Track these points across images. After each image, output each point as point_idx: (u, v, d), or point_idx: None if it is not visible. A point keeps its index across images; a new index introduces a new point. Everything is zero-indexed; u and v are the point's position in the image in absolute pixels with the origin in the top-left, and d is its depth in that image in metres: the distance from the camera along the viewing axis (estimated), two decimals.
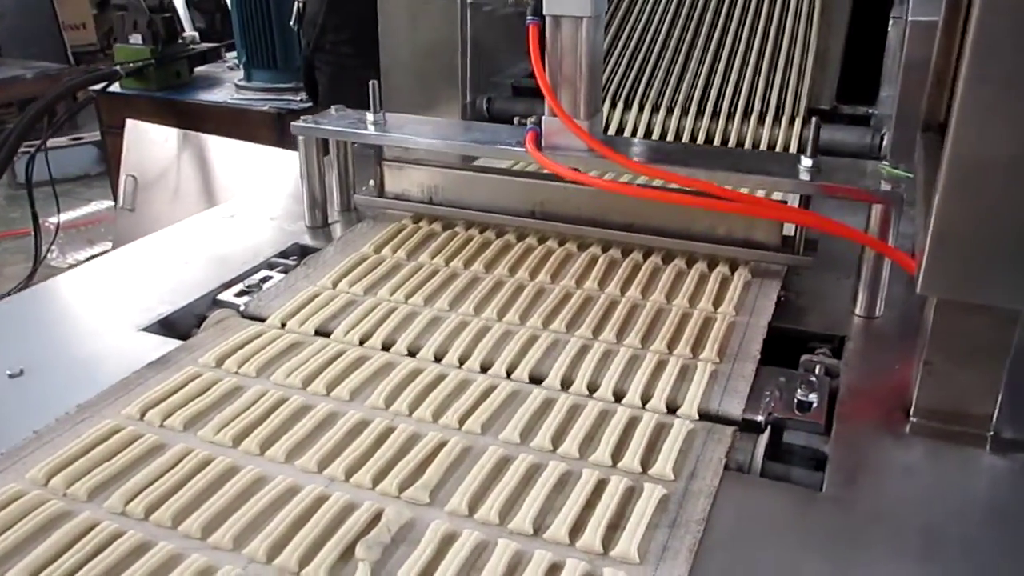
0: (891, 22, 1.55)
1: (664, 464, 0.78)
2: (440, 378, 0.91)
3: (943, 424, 0.85)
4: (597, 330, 1.00)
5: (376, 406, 0.87)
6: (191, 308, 1.09)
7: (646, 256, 1.17)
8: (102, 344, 1.01)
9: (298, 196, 1.44)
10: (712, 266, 1.14)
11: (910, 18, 1.33)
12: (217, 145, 2.81)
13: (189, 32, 3.53)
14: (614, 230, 1.19)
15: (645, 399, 0.88)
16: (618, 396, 0.89)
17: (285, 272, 1.17)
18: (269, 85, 2.93)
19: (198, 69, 3.30)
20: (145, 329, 1.04)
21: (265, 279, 1.15)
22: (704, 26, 1.75)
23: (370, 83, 1.25)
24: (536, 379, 0.92)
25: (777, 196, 1.17)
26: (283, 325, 1.02)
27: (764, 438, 0.84)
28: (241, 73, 3.05)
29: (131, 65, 3.05)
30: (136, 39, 3.10)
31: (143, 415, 0.85)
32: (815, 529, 0.73)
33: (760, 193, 1.15)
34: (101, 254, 1.73)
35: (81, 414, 0.85)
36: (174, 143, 2.90)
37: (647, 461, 0.79)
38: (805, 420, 0.86)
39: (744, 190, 1.11)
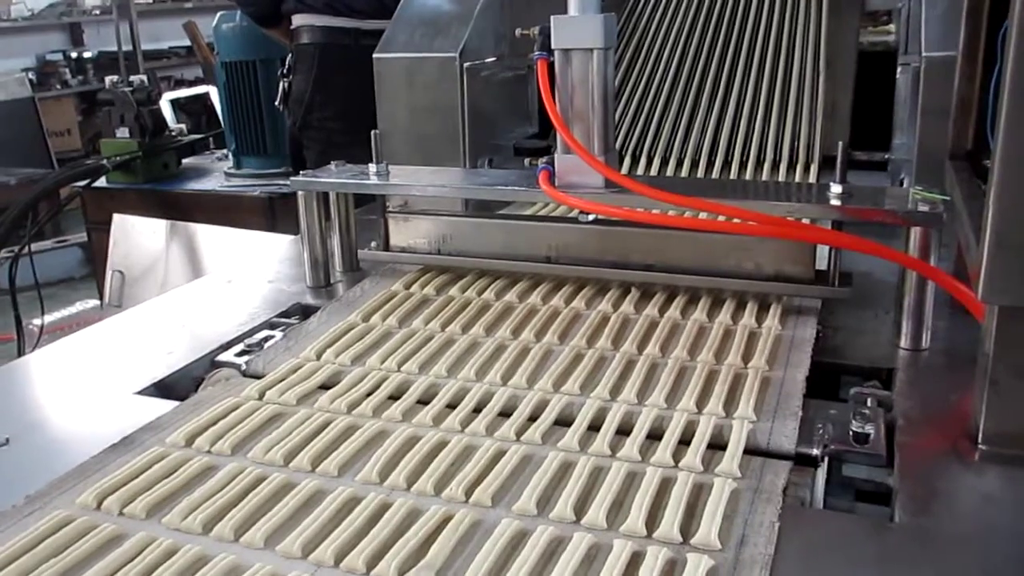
0: (899, 70, 1.55)
1: (708, 530, 0.69)
2: (441, 445, 0.83)
3: (1016, 450, 0.79)
4: (615, 391, 0.92)
5: (369, 480, 0.78)
6: (188, 370, 1.05)
7: (669, 299, 1.13)
8: (96, 409, 0.96)
9: (296, 260, 1.41)
10: (740, 308, 1.10)
11: (925, 54, 1.33)
12: (207, 234, 2.79)
13: (176, 126, 3.55)
14: (635, 270, 1.15)
15: (677, 457, 0.80)
16: (646, 455, 0.81)
17: (286, 330, 1.12)
18: (259, 171, 2.94)
19: (186, 161, 3.31)
20: (141, 392, 0.99)
21: (267, 339, 1.11)
22: (709, 78, 1.76)
23: (372, 133, 1.23)
24: (551, 441, 0.84)
25: None
26: (261, 397, 0.94)
27: (823, 471, 0.79)
28: (230, 162, 3.06)
29: (118, 158, 3.05)
30: (123, 132, 3.11)
31: (100, 503, 0.76)
32: (895, 559, 0.67)
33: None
34: None
35: (29, 506, 0.76)
36: (162, 235, 2.88)
37: (688, 528, 0.71)
38: (864, 452, 0.81)
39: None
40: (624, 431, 0.84)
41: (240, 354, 1.08)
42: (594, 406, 0.89)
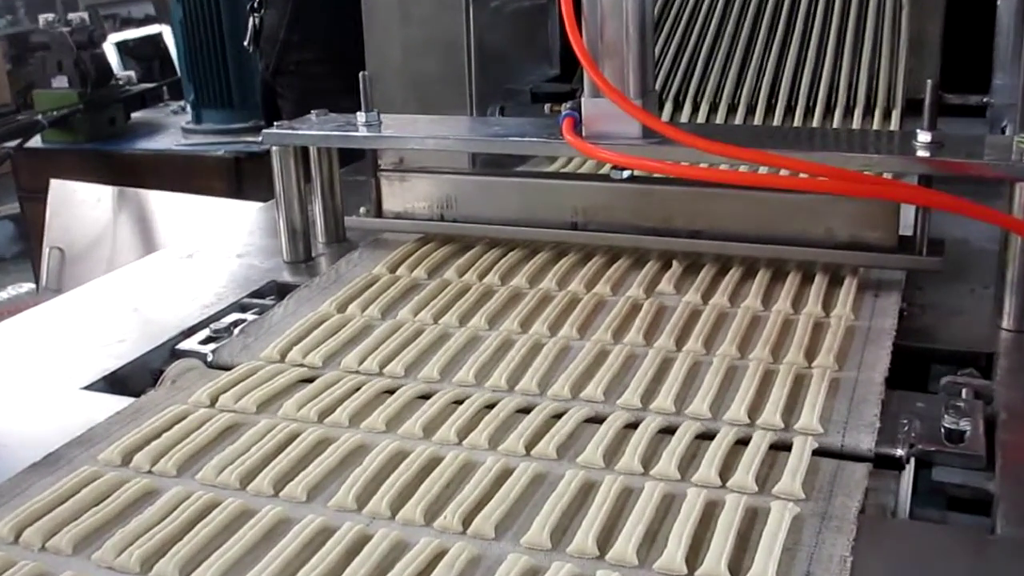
0: None
1: (764, 567, 0.67)
2: (433, 462, 0.81)
3: None
4: (647, 397, 0.90)
5: (344, 507, 0.77)
6: (144, 361, 1.05)
7: (720, 273, 1.13)
8: (37, 408, 0.97)
9: (270, 231, 1.42)
10: (806, 283, 1.09)
11: None
12: (162, 202, 2.80)
13: (123, 73, 3.57)
14: (679, 238, 1.16)
15: (725, 476, 0.78)
16: (686, 474, 0.79)
17: (261, 314, 1.13)
18: (223, 126, 2.96)
19: (135, 115, 3.32)
20: (89, 387, 1.00)
21: (237, 323, 1.12)
22: (767, 6, 1.76)
23: (360, 75, 1.23)
24: (569, 456, 0.82)
25: None
26: (213, 403, 0.93)
27: (908, 474, 0.79)
28: (189, 115, 3.07)
29: (55, 113, 3.07)
30: (61, 82, 3.13)
31: (18, 536, 0.75)
32: None
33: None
34: None
35: None
36: (108, 204, 2.90)
37: (738, 565, 0.69)
38: (959, 452, 0.81)
39: None
40: (659, 445, 0.82)
41: (205, 341, 1.08)
42: (622, 416, 0.87)
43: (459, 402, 0.91)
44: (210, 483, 0.81)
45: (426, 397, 0.92)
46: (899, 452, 0.81)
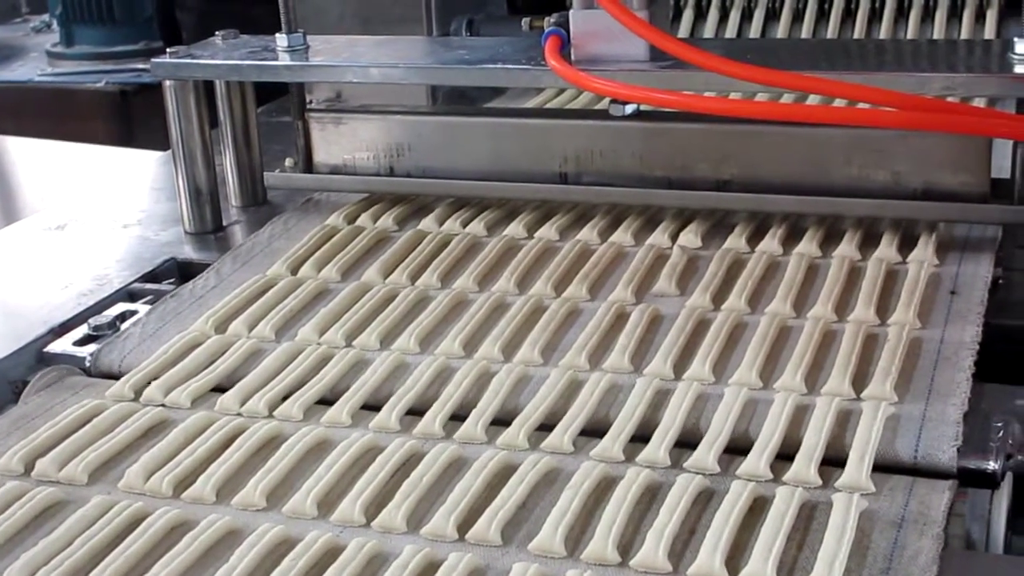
0: None
1: None
2: (334, 550, 0.77)
3: None
4: (632, 450, 0.85)
5: None
6: (1, 369, 1.06)
7: (738, 256, 1.12)
8: None
9: (168, 191, 1.43)
10: (868, 243, 1.10)
11: None
12: (22, 152, 2.80)
13: None
14: (702, 191, 1.17)
15: (735, 564, 0.73)
16: (681, 564, 0.74)
17: (154, 302, 1.14)
18: (103, 48, 2.93)
19: None
20: None
21: (124, 316, 1.12)
22: None
23: None
24: (517, 543, 0.78)
25: None
26: (27, 471, 0.88)
27: (1005, 494, 0.80)
28: (56, 34, 3.05)
29: None
30: None
31: None
32: None
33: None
34: None
35: None
36: None
37: None
38: None
39: None
40: (643, 518, 0.79)
41: (82, 341, 1.09)
42: (596, 471, 0.82)
43: (378, 452, 0.86)
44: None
45: (328, 445, 0.88)
46: (991, 465, 0.81)
